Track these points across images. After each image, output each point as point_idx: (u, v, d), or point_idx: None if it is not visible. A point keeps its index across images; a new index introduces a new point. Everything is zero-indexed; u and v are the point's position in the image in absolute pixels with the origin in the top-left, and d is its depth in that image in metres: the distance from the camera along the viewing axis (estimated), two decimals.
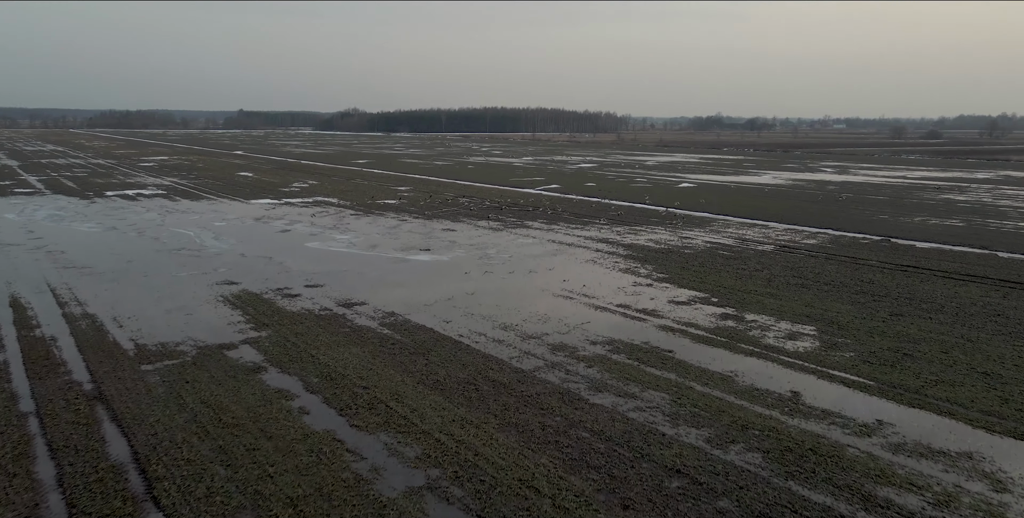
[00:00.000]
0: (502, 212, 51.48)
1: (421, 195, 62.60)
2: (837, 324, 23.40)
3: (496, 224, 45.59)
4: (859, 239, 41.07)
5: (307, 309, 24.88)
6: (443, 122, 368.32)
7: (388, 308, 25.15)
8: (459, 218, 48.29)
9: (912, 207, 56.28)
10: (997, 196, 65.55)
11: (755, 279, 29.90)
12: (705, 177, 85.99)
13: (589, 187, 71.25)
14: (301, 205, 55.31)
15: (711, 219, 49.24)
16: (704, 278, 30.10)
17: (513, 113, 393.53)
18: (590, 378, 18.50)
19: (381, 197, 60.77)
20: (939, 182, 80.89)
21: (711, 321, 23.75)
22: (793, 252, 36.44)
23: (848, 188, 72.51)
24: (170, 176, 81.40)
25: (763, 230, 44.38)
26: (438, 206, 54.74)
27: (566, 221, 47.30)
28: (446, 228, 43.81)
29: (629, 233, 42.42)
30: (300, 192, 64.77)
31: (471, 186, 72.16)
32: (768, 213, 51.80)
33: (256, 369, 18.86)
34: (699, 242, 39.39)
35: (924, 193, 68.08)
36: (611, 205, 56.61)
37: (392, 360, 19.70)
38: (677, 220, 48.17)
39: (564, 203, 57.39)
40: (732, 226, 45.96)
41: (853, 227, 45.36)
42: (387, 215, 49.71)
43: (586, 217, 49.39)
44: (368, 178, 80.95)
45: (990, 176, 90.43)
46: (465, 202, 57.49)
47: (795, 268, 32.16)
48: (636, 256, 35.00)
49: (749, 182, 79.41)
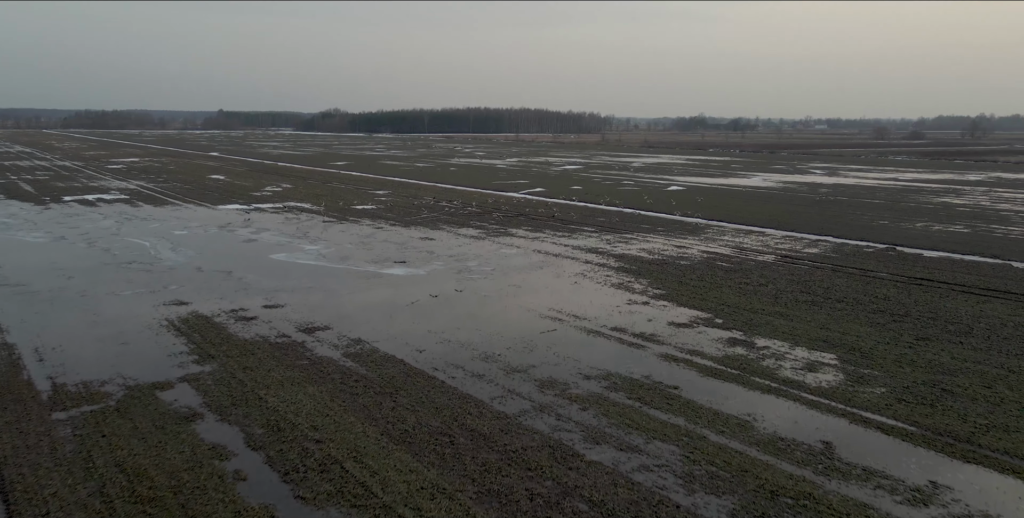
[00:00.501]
0: (484, 218, 48.68)
1: (400, 200, 59.65)
2: (859, 351, 20.85)
3: (478, 232, 42.78)
4: (863, 247, 38.71)
5: (262, 336, 21.94)
6: (426, 123, 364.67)
7: (354, 334, 22.27)
8: (439, 225, 45.43)
9: (911, 211, 54.18)
10: (994, 199, 63.73)
11: (760, 295, 27.34)
12: (694, 179, 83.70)
13: (575, 190, 68.62)
14: (272, 211, 52.17)
15: (704, 225, 46.74)
16: (705, 294, 27.48)
17: (496, 114, 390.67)
18: (585, 425, 15.77)
19: (358, 202, 57.74)
20: (931, 184, 79.13)
21: (718, 348, 21.11)
22: (796, 263, 33.97)
23: (841, 191, 70.45)
24: (137, 179, 77.77)
25: (761, 237, 41.93)
26: (417, 212, 51.84)
27: (552, 228, 44.60)
28: (424, 237, 40.95)
29: (619, 241, 39.78)
30: (272, 197, 61.56)
31: (453, 190, 69.29)
32: (764, 218, 49.41)
33: (190, 417, 15.93)
34: (695, 252, 36.84)
35: (919, 196, 66.15)
36: (599, 210, 53.99)
37: (354, 403, 16.85)
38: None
39: (550, 208, 54.69)
40: (728, 233, 43.49)
41: (854, 234, 43.06)
42: (363, 222, 46.74)
43: (573, 223, 46.72)
44: (346, 181, 77.82)
45: (981, 178, 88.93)
46: (446, 207, 54.63)
47: (802, 282, 29.64)
48: (629, 269, 32.34)
49: (740, 185, 77.18)
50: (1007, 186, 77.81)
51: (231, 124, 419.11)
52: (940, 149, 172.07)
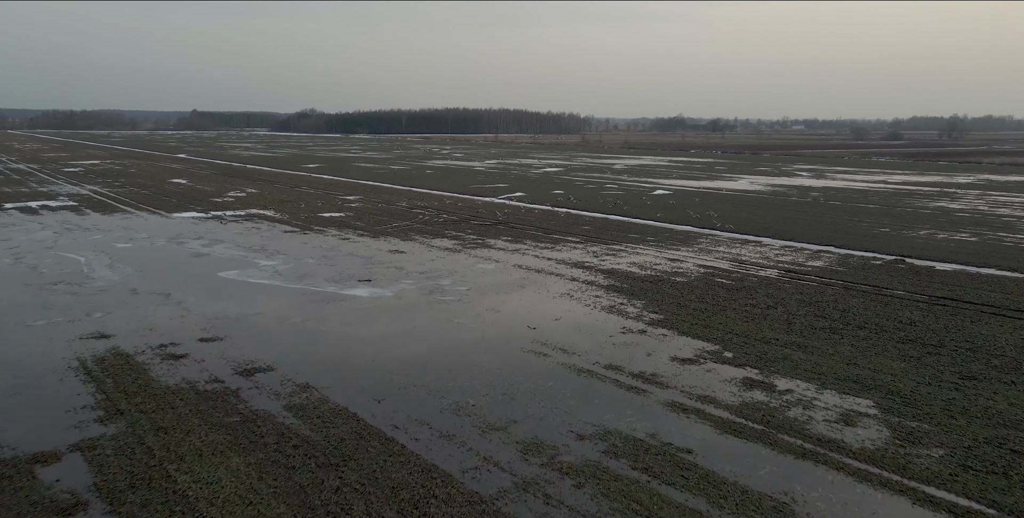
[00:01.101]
0: (461, 227, 45.17)
1: (371, 206, 55.94)
2: (899, 395, 17.69)
3: (453, 243, 39.28)
4: (869, 259, 35.78)
5: (189, 382, 18.30)
6: (403, 123, 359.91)
7: (302, 377, 18.71)
8: (411, 235, 41.85)
9: (909, 217, 51.54)
10: (991, 203, 61.44)
11: (771, 320, 24.16)
12: (679, 183, 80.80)
13: (557, 195, 65.32)
14: (231, 219, 48.23)
15: (696, 234, 43.63)
16: (709, 320, 24.25)
17: (475, 114, 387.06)
18: (582, 512, 12.38)
19: (325, 209, 53.94)
20: (922, 187, 76.93)
21: (733, 392, 17.84)
22: (802, 279, 30.89)
23: (832, 195, 67.89)
24: (92, 183, 73.20)
25: (758, 248, 38.89)
26: (389, 220, 48.18)
27: (534, 238, 41.22)
28: (395, 249, 37.35)
29: (608, 254, 36.50)
30: (234, 203, 57.55)
31: (428, 194, 65.67)
32: (758, 226, 46.44)
33: (69, 508, 12.30)
34: (690, 266, 33.64)
35: (913, 200, 63.73)
36: (583, 217, 50.71)
37: (288, 481, 13.32)
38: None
39: (530, 215, 51.31)
40: (722, 243, 40.40)
41: (857, 244, 40.18)
42: (328, 232, 43.02)
43: (556, 233, 43.37)
44: (316, 185, 73.85)
45: (971, 180, 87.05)
46: (420, 215, 51.03)
47: (813, 303, 26.53)
48: (620, 287, 29.03)
49: (727, 188, 74.38)
50: (999, 189, 75.81)
51: (205, 125, 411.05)
52: (921, 150, 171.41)
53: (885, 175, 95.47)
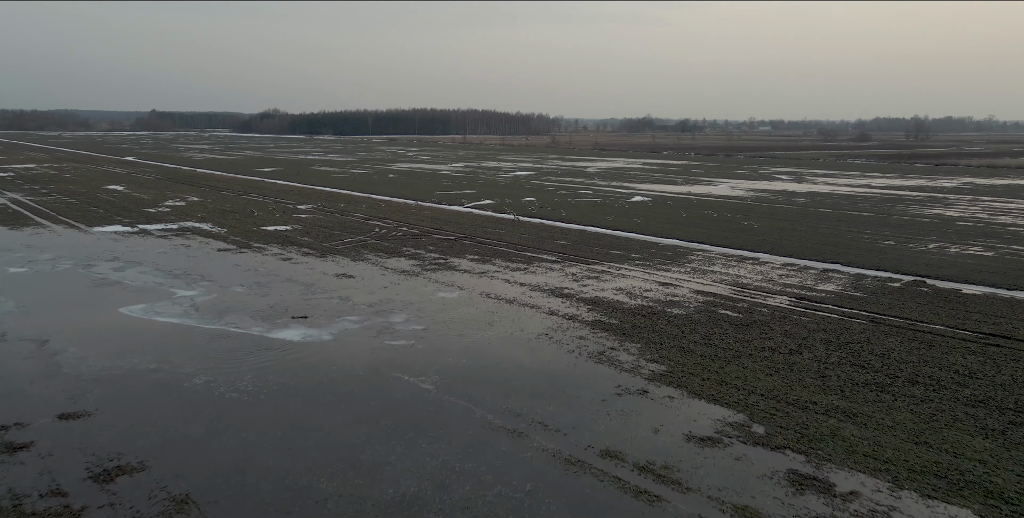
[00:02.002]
0: (422, 242, 39.96)
1: (324, 217, 50.39)
2: (1002, 498, 13.04)
3: (412, 264, 34.08)
4: (885, 281, 31.45)
5: (17, 495, 12.89)
6: (370, 124, 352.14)
7: (181, 483, 13.44)
8: (364, 254, 36.55)
9: (910, 228, 47.61)
10: (988, 210, 58.02)
11: (799, 372, 19.45)
12: (657, 187, 76.44)
13: (528, 203, 60.40)
14: (159, 235, 42.39)
15: (687, 249, 39.00)
16: (723, 372, 19.46)
17: (443, 115, 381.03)
18: None
19: (272, 220, 48.28)
20: (910, 192, 73.62)
21: (780, 499, 13.01)
22: (819, 308, 26.32)
23: (819, 201, 64.03)
24: (16, 191, 66.35)
25: (758, 267, 34.36)
26: (341, 234, 42.76)
27: (504, 256, 36.19)
28: (342, 272, 32.02)
29: (589, 276, 31.62)
30: (169, 214, 51.55)
31: (389, 203, 60.25)
32: (752, 239, 42.00)
33: None
34: (686, 292, 28.91)
35: (906, 207, 60.10)
36: (558, 229, 45.83)
37: None
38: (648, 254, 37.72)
39: (500, 227, 46.25)
40: (717, 261, 35.81)
41: (865, 260, 35.90)
42: (269, 250, 37.51)
43: (529, 249, 38.40)
44: (267, 192, 67.91)
45: (956, 184, 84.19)
46: (377, 227, 45.67)
47: (843, 345, 21.92)
48: (608, 324, 24.14)
49: (708, 194, 70.16)
50: (987, 194, 72.79)
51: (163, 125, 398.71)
52: (894, 151, 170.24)
53: (866, 178, 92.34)
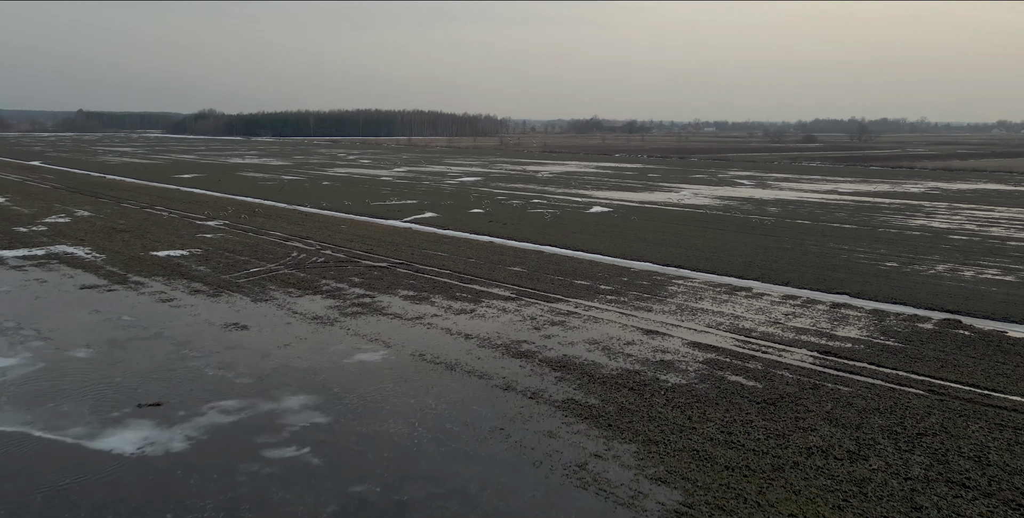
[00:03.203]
0: (346, 272, 32.74)
1: (234, 237, 42.57)
2: None
3: (328, 305, 26.88)
4: (913, 320, 25.73)
5: None
6: (311, 125, 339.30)
7: None
8: (271, 291, 29.18)
9: (903, 243, 42.52)
10: (973, 220, 53.73)
11: (879, 501, 13.14)
12: (616, 195, 70.50)
13: (476, 216, 53.57)
14: (14, 265, 34.03)
15: (664, 276, 32.77)
16: (766, 502, 13.01)
17: (388, 115, 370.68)
18: None
19: (168, 242, 40.25)
20: (881, 199, 69.45)
21: None
22: (854, 368, 20.24)
23: (792, 210, 58.98)
24: None
25: (754, 301, 28.31)
26: (249, 261, 35.19)
27: (445, 291, 29.28)
28: (234, 322, 24.63)
29: (553, 322, 24.99)
30: (44, 234, 42.93)
31: (316, 217, 52.62)
32: (736, 261, 36.08)
33: None
34: (678, 345, 22.55)
35: (885, 216, 55.45)
36: (511, 250, 39.12)
37: None
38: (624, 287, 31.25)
39: (443, 247, 39.30)
40: (703, 293, 29.64)
41: (875, 289, 30.27)
42: (150, 286, 29.78)
43: (477, 279, 31.59)
44: (176, 204, 59.35)
45: (923, 190, 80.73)
46: (296, 251, 38.19)
47: (916, 439, 15.75)
48: (586, 407, 17.51)
49: (672, 202, 64.47)
50: (961, 200, 69.14)
51: (91, 126, 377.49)
52: (845, 154, 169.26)
53: (830, 183, 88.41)
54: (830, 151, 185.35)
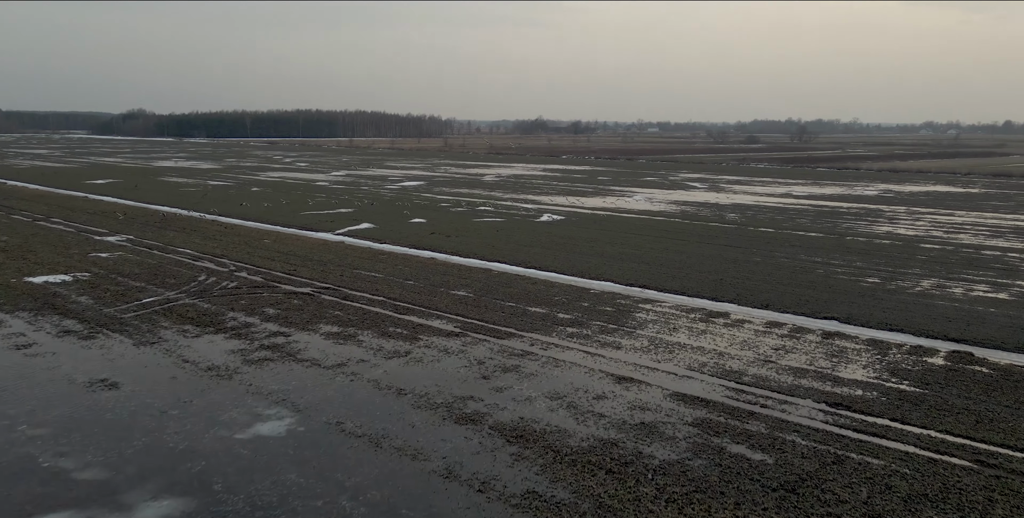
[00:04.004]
0: (260, 301, 27.69)
1: (133, 256, 36.83)
2: None
3: (231, 348, 21.93)
4: (918, 353, 22.34)
5: None
6: (248, 126, 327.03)
7: None
8: (162, 328, 24.01)
9: (878, 254, 39.64)
10: (937, 226, 51.62)
11: None
12: (567, 202, 66.59)
13: (418, 226, 48.83)
14: None
15: (629, 300, 28.74)
16: None
17: (329, 116, 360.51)
18: None
19: (51, 264, 34.30)
20: (838, 203, 67.40)
21: None
22: (875, 429, 16.50)
23: (751, 217, 56.05)
24: None
25: (735, 331, 24.52)
26: (146, 287, 29.75)
27: (377, 325, 24.61)
28: (103, 378, 19.47)
29: (505, 368, 20.63)
30: None
31: (238, 229, 47.03)
32: (706, 279, 32.37)
33: None
34: (659, 398, 18.47)
35: (849, 223, 52.95)
36: (456, 269, 34.61)
37: None
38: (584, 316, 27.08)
39: (378, 267, 34.51)
40: (676, 321, 25.72)
41: (866, 313, 26.90)
42: (8, 325, 24.21)
43: (416, 308, 27.00)
44: (79, 215, 52.74)
45: (875, 193, 79.37)
46: (205, 273, 32.83)
47: None
48: (552, 505, 13.20)
49: (626, 209, 60.91)
50: (917, 204, 67.61)
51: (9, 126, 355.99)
52: (789, 155, 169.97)
53: (783, 186, 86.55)
54: (775, 152, 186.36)
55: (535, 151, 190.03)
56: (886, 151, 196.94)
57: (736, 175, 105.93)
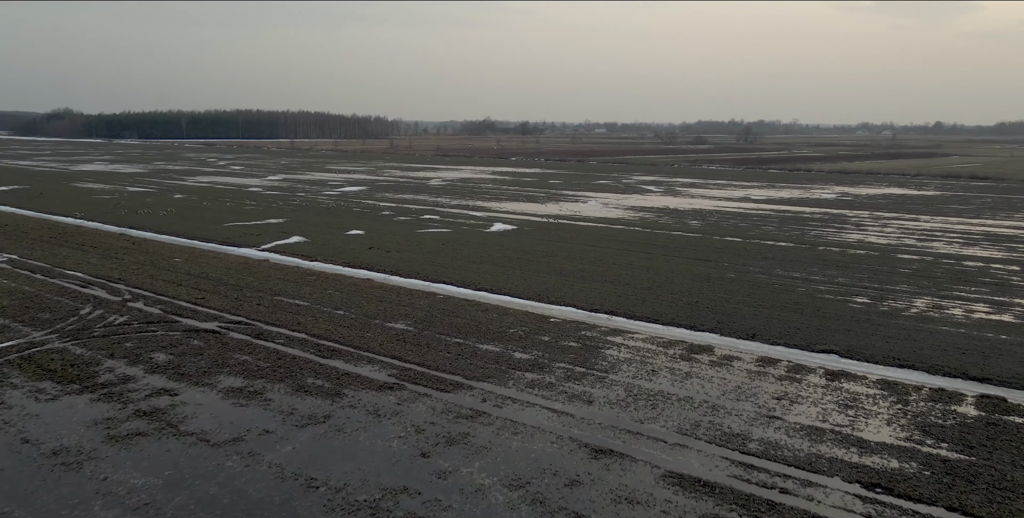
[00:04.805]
0: (151, 343, 22.55)
1: (9, 282, 30.98)
2: None
3: (94, 417, 16.92)
4: (941, 398, 18.84)
5: None
6: (184, 127, 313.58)
7: None
8: (8, 385, 18.80)
9: (857, 267, 36.51)
10: (907, 232, 49.21)
11: None
12: (518, 208, 62.43)
13: (355, 240, 43.93)
14: None
15: (596, 331, 24.62)
16: None
17: (271, 117, 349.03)
18: None
19: None
20: (799, 208, 64.98)
21: None
22: None
23: (714, 223, 52.82)
24: None
25: (728, 375, 20.64)
26: (9, 324, 24.24)
27: (290, 376, 19.86)
28: None
29: (451, 441, 16.20)
30: None
31: (147, 245, 41.32)
32: (681, 301, 28.53)
33: None
34: (649, 485, 14.33)
35: (815, 230, 50.16)
36: (394, 291, 29.98)
37: None
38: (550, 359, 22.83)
39: (304, 293, 29.62)
40: (657, 362, 21.71)
41: (867, 344, 23.43)
42: None
43: (343, 349, 22.34)
44: None
45: (833, 196, 77.53)
46: (91, 303, 27.41)
47: None
48: None
49: (582, 216, 57.05)
50: (879, 208, 65.70)
51: None
52: (739, 156, 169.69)
53: (739, 189, 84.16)
54: (724, 153, 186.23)
55: (483, 152, 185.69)
56: (831, 152, 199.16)
57: (690, 177, 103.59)
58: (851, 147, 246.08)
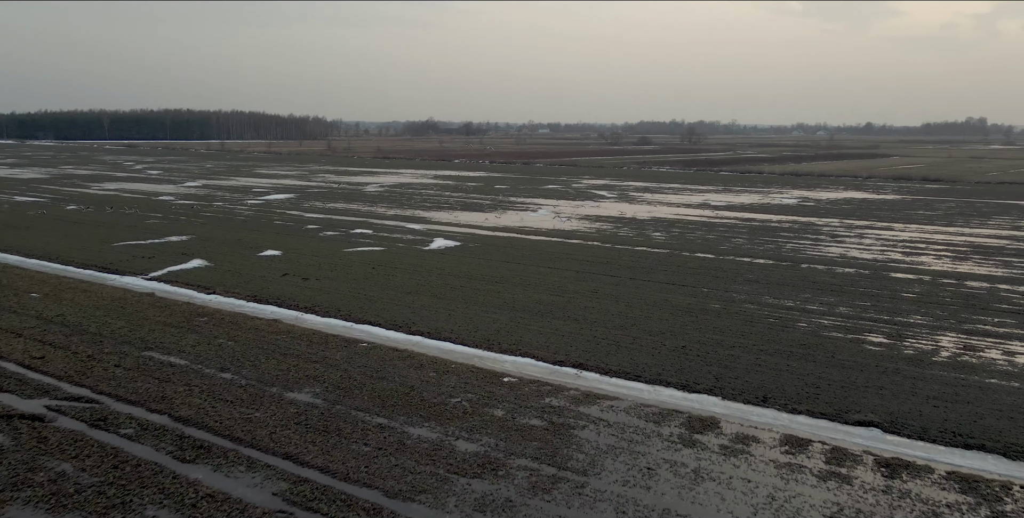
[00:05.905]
0: None
1: None
2: None
3: None
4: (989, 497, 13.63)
5: None
6: (106, 127, 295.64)
7: None
8: None
9: (853, 291, 31.65)
10: (889, 245, 45.04)
11: None
12: (462, 219, 56.24)
13: (268, 263, 37.07)
14: None
15: (565, 401, 18.79)
16: None
17: (201, 116, 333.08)
18: None
19: None
20: (764, 216, 60.71)
21: None
22: None
23: (680, 236, 47.77)
24: None
25: (752, 473, 15.06)
26: None
27: (122, 503, 13.36)
28: None
29: None
30: None
31: (6, 272, 33.60)
32: (663, 347, 22.96)
33: None
34: None
35: (788, 241, 45.60)
36: (306, 338, 23.51)
37: None
38: None
39: (188, 340, 22.89)
40: (650, 453, 15.98)
41: (912, 412, 18.28)
42: None
43: (216, 441, 15.89)
44: None
45: (795, 201, 73.79)
46: None
47: None
48: None
49: (533, 227, 51.23)
50: (843, 214, 61.95)
51: None
52: (687, 157, 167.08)
53: (695, 194, 79.81)
54: (670, 154, 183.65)
55: (425, 154, 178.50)
56: (775, 152, 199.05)
57: (642, 180, 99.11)
58: (792, 147, 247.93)
